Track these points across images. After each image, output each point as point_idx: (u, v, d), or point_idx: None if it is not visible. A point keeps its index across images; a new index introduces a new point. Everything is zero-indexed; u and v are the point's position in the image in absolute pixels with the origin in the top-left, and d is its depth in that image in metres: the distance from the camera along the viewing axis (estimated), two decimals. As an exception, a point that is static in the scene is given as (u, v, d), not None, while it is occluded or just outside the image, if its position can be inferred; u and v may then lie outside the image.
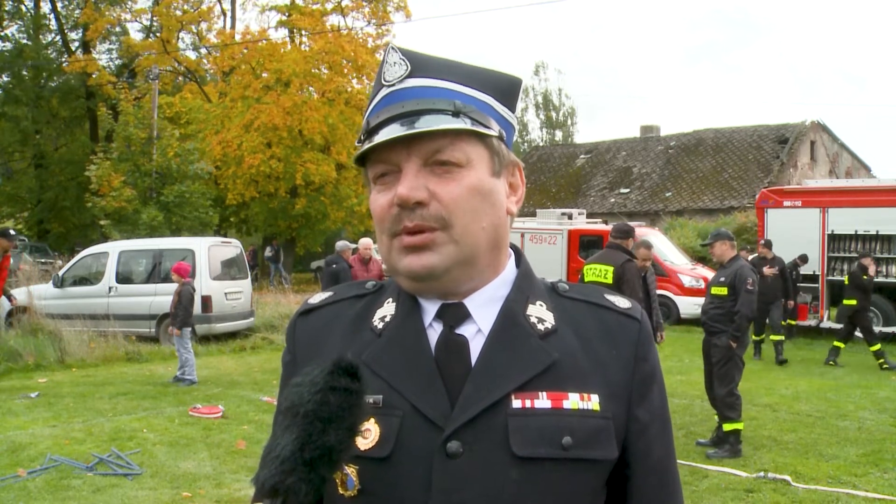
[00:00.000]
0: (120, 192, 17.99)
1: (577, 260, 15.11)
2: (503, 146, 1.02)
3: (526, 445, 0.92)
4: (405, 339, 0.99)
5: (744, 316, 6.29)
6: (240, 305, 13.37)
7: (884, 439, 6.79)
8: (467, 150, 0.96)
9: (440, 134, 0.95)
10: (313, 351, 1.05)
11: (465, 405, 0.93)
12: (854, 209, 12.76)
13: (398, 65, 0.99)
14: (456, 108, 0.96)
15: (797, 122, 28.97)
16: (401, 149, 0.96)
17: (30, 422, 7.27)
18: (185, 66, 30.41)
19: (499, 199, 1.00)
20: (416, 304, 1.01)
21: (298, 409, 0.84)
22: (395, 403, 0.95)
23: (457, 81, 0.99)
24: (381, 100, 0.99)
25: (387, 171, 0.98)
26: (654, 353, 1.05)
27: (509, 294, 1.01)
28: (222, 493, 5.28)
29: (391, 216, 0.96)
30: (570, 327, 1.01)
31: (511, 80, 1.04)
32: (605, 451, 0.96)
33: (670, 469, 1.05)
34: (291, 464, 0.81)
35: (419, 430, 0.93)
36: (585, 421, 0.95)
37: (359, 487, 0.94)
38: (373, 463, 0.93)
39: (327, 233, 27.66)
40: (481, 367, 0.96)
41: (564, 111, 53.57)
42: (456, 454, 0.91)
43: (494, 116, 1.01)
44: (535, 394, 0.95)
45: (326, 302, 1.10)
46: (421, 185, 0.95)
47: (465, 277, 0.98)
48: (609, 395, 0.98)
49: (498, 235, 1.00)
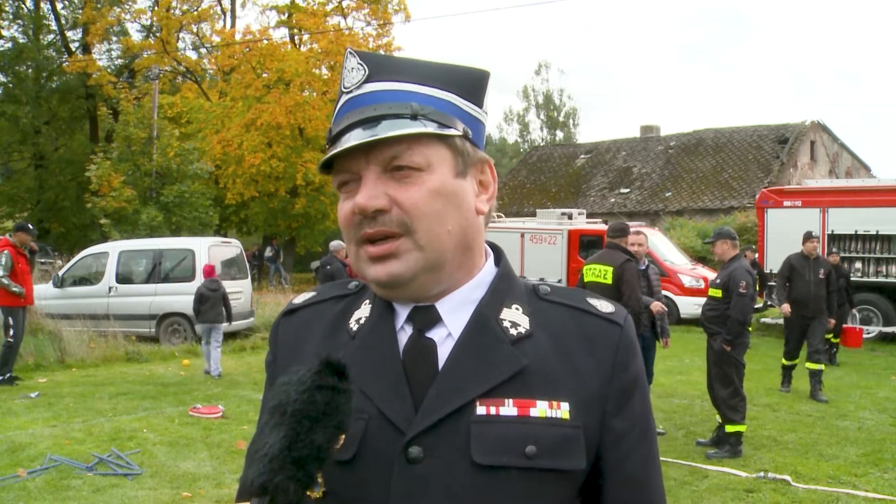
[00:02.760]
0: (120, 192, 17.99)
1: (577, 260, 15.10)
2: (468, 145, 0.99)
3: (487, 453, 0.90)
4: (376, 341, 0.98)
5: (735, 320, 6.24)
6: (240, 305, 13.36)
7: (884, 439, 6.79)
8: (426, 153, 0.94)
9: (397, 139, 0.92)
10: (293, 351, 1.05)
11: (428, 410, 0.92)
12: (854, 209, 12.75)
13: (356, 70, 0.97)
14: (413, 110, 0.94)
15: (797, 122, 28.99)
16: (359, 157, 0.94)
17: (30, 422, 7.27)
18: (185, 66, 30.40)
19: (465, 199, 0.98)
20: (389, 307, 1.00)
21: (286, 407, 0.83)
22: (363, 407, 0.93)
23: (415, 82, 0.96)
24: (342, 106, 0.98)
25: (348, 180, 0.97)
26: (636, 360, 1.00)
27: (483, 297, 0.99)
28: (222, 493, 5.29)
29: (354, 224, 0.96)
30: (546, 332, 0.98)
31: (475, 74, 1.01)
32: (573, 462, 0.93)
33: (650, 481, 1.00)
34: (280, 462, 0.81)
35: (383, 434, 0.92)
36: (553, 430, 0.92)
37: (324, 489, 0.93)
38: (338, 465, 0.92)
39: (327, 233, 27.64)
40: (447, 371, 0.94)
41: (566, 111, 53.62)
42: (416, 459, 0.90)
43: (458, 114, 0.98)
44: (501, 400, 0.92)
45: (309, 302, 1.09)
46: (380, 193, 0.93)
47: (433, 282, 0.97)
48: (582, 403, 0.95)
49: (466, 237, 0.98)
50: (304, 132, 24.77)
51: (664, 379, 9.18)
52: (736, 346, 6.32)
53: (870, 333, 12.67)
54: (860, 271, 12.90)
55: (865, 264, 12.90)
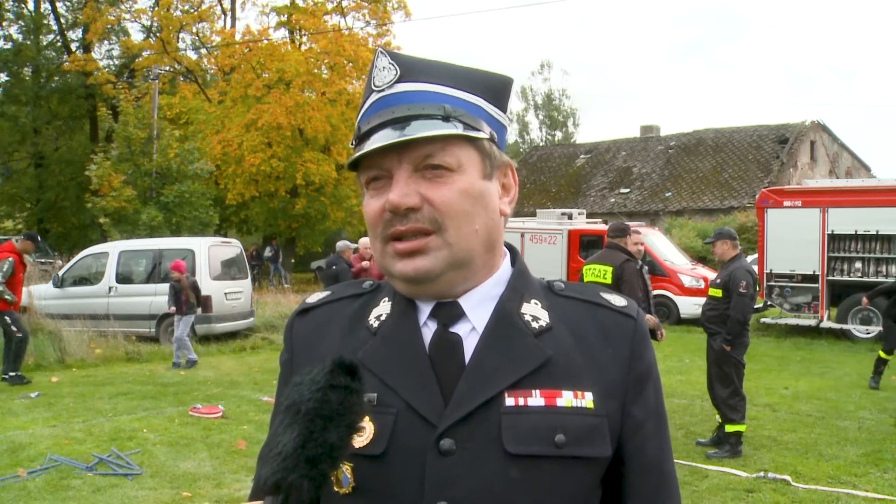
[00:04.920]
0: (120, 192, 17.98)
1: (577, 260, 15.11)
2: (494, 148, 1.02)
3: (519, 443, 0.93)
4: (400, 337, 1.00)
5: (735, 320, 6.23)
6: (240, 305, 13.37)
7: (884, 439, 6.79)
8: (458, 155, 0.97)
9: (430, 139, 0.95)
10: (310, 349, 1.06)
11: (458, 403, 0.94)
12: (854, 209, 12.74)
13: (387, 69, 0.99)
14: (445, 112, 0.97)
15: (797, 122, 29.02)
16: (392, 155, 0.96)
17: (30, 422, 7.27)
18: (185, 66, 30.40)
19: (491, 201, 1.01)
20: (411, 303, 1.02)
21: (300, 406, 0.84)
22: (390, 401, 0.95)
23: (446, 84, 0.99)
24: (371, 105, 1.00)
25: (378, 176, 0.99)
26: (650, 352, 1.04)
27: (504, 293, 1.02)
28: (222, 493, 5.28)
29: (383, 221, 0.97)
30: (565, 325, 1.01)
31: (501, 80, 1.04)
32: (599, 449, 0.96)
33: (666, 467, 1.04)
34: (293, 461, 0.82)
35: (413, 428, 0.94)
36: (579, 419, 0.95)
37: (353, 485, 0.95)
38: (367, 460, 0.94)
39: (327, 233, 27.67)
40: (475, 365, 0.96)
41: (565, 111, 53.60)
42: (449, 451, 0.92)
43: (485, 118, 1.01)
44: (529, 392, 0.95)
45: (324, 301, 1.11)
46: (412, 191, 0.96)
47: (460, 279, 0.99)
48: (604, 392, 0.98)
49: (491, 237, 1.01)
50: (304, 132, 24.77)
51: (664, 379, 9.10)
52: (736, 346, 6.32)
53: (870, 333, 12.67)
54: (860, 271, 12.90)
55: (865, 264, 12.90)
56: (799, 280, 13.27)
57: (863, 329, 12.90)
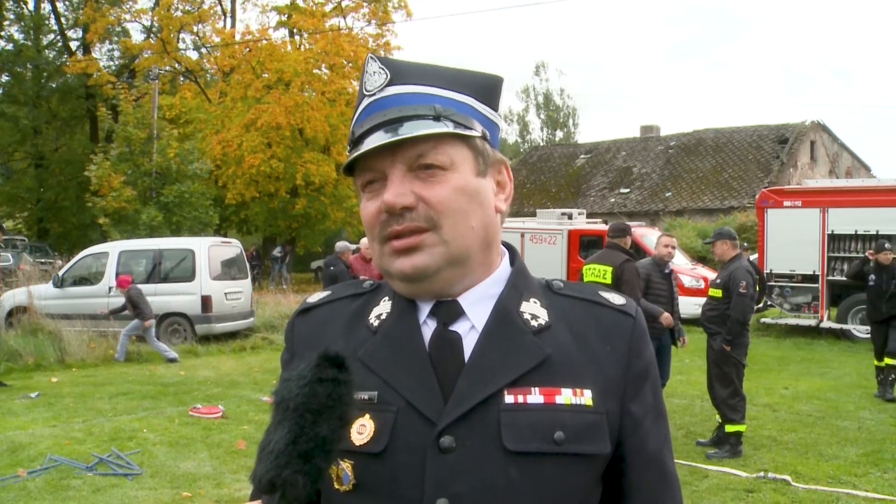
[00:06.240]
0: (120, 192, 17.99)
1: (577, 260, 15.10)
2: (487, 146, 1.03)
3: (518, 440, 0.93)
4: (400, 335, 1.01)
5: (735, 320, 6.23)
6: (240, 305, 13.37)
7: (884, 439, 6.79)
8: (450, 153, 0.98)
9: (422, 139, 0.96)
10: (311, 349, 1.06)
11: (458, 400, 0.94)
12: (854, 209, 12.73)
13: (378, 74, 1.01)
14: (436, 112, 0.98)
15: (797, 122, 29.02)
16: (385, 156, 0.97)
17: (30, 422, 7.27)
18: (185, 66, 30.41)
19: (486, 198, 1.02)
20: (411, 303, 1.02)
21: (288, 402, 0.85)
22: (390, 399, 0.96)
23: (436, 86, 1.00)
24: (363, 109, 1.01)
25: (374, 179, 1.00)
26: (648, 349, 1.05)
27: (503, 291, 1.02)
28: (222, 493, 5.28)
29: (380, 222, 0.99)
30: (564, 324, 1.02)
31: (492, 79, 1.05)
32: (598, 446, 0.97)
33: (666, 463, 1.05)
34: (286, 457, 0.82)
35: (413, 426, 0.94)
36: (578, 416, 0.96)
37: (354, 482, 0.95)
38: (368, 458, 0.94)
39: (327, 233, 27.69)
40: (474, 362, 0.97)
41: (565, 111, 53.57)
42: (449, 448, 0.93)
43: (476, 117, 1.02)
44: (528, 389, 0.96)
45: (324, 301, 1.12)
46: (407, 191, 0.96)
47: (457, 277, 1.00)
48: (603, 390, 0.99)
49: (488, 234, 1.02)
50: (304, 132, 24.78)
51: (664, 379, 9.18)
52: (736, 346, 6.32)
53: (869, 333, 12.64)
54: (860, 271, 12.88)
55: (865, 264, 12.89)
56: (799, 280, 13.27)
57: (863, 329, 12.87)
